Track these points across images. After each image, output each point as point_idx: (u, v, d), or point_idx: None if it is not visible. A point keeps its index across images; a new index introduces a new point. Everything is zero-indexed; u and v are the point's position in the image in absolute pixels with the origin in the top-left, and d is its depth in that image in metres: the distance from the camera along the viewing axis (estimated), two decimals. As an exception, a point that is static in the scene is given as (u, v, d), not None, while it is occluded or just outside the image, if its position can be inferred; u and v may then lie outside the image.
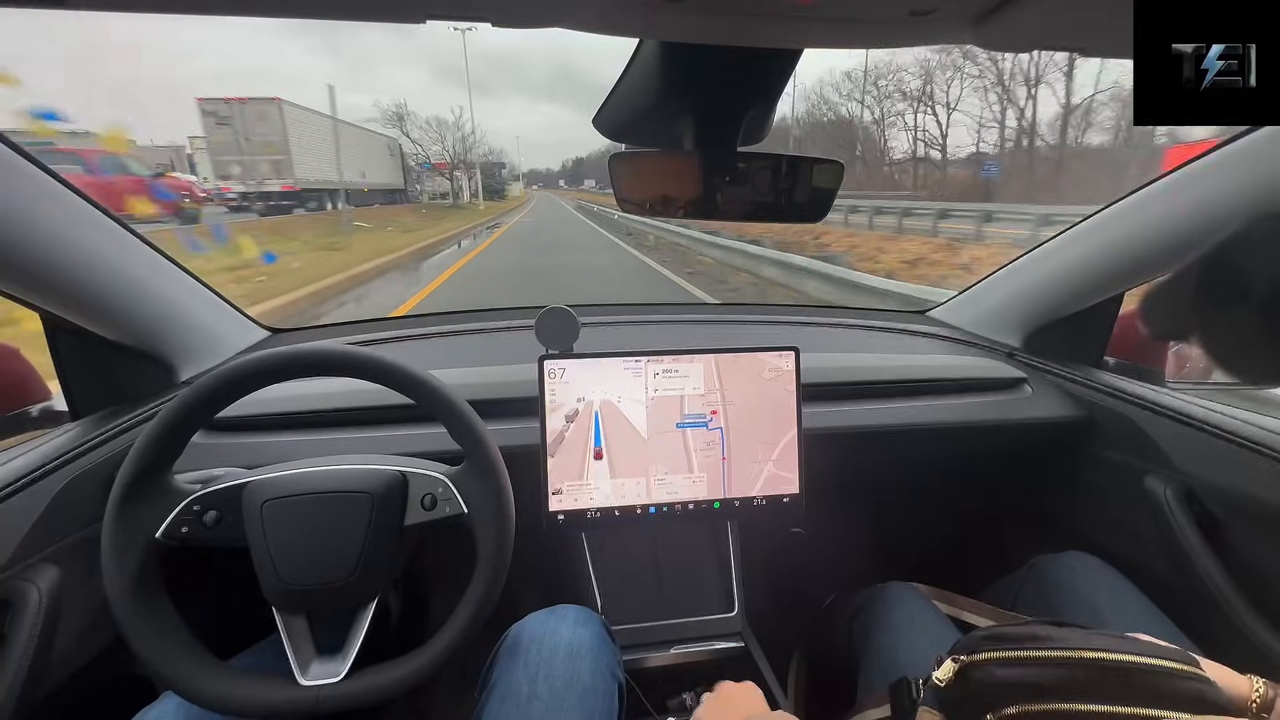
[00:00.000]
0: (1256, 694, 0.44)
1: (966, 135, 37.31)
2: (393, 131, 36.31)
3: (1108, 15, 0.37)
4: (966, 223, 12.19)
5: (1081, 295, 1.02)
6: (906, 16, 0.39)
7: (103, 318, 0.78)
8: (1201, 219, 0.77)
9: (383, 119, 37.35)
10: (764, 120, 0.62)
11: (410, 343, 1.17)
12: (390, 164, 33.15)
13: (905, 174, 37.00)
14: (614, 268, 9.19)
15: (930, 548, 1.33)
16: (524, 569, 0.73)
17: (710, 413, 0.86)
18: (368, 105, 49.18)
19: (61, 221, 0.69)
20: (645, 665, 0.83)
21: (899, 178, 36.49)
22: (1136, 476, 0.90)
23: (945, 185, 31.50)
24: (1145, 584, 0.78)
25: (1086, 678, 0.42)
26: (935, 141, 36.53)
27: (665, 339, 1.25)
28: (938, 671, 0.48)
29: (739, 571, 0.92)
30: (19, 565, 0.62)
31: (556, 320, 0.86)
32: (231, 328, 1.05)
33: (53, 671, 0.64)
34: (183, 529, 0.58)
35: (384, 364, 0.61)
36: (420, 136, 40.85)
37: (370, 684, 0.58)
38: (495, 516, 0.62)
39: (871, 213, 14.78)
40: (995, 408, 1.02)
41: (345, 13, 0.42)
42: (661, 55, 0.53)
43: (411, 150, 39.34)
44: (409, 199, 35.30)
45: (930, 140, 36.60)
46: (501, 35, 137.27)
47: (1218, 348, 0.32)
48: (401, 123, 38.63)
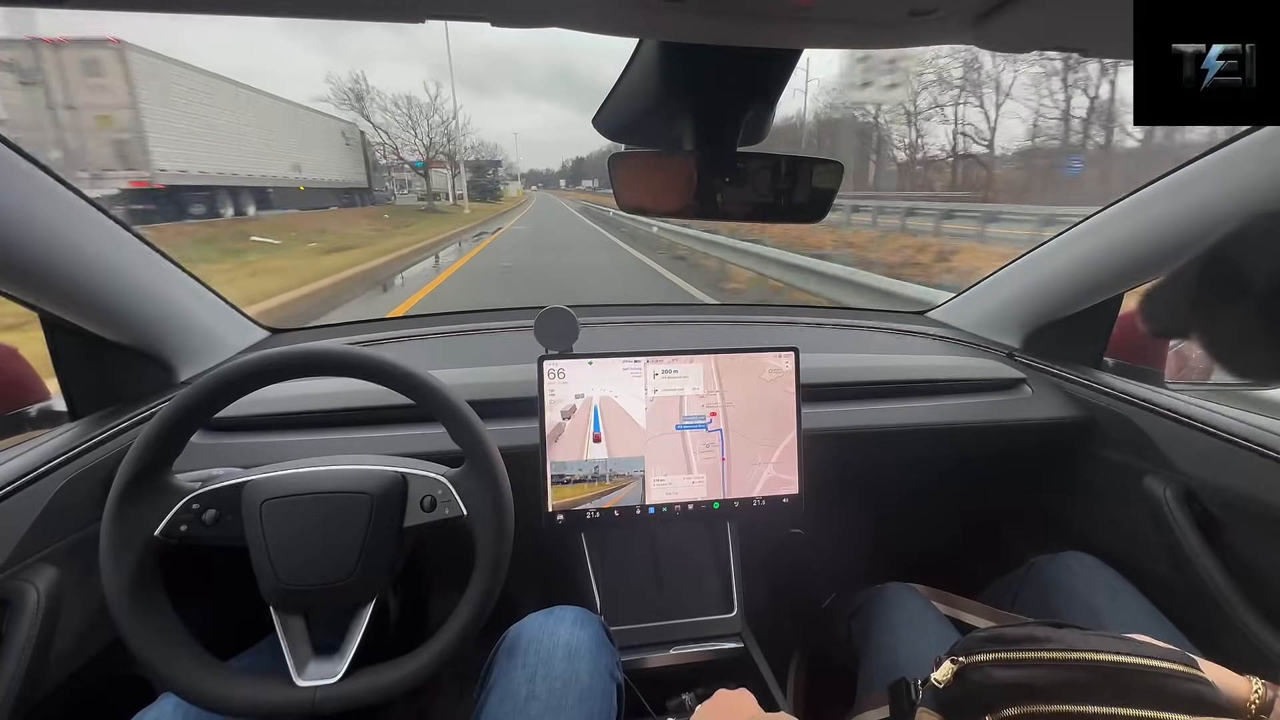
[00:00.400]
0: (1255, 695, 0.44)
1: (1018, 128, 32.27)
2: (350, 115, 27.90)
3: (1108, 15, 0.37)
4: (1019, 226, 10.41)
5: (1081, 296, 1.02)
6: (906, 17, 0.39)
7: (102, 318, 0.78)
8: (1201, 219, 0.77)
9: (337, 98, 28.14)
10: (764, 120, 0.62)
11: (410, 343, 1.17)
12: (346, 155, 25.68)
13: (939, 173, 32.11)
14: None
15: (929, 548, 1.33)
16: (523, 570, 0.73)
17: (710, 414, 0.86)
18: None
19: (61, 221, 0.69)
20: (644, 666, 0.83)
21: (930, 176, 32.16)
22: (1136, 477, 0.90)
23: (993, 185, 26.85)
24: (1144, 584, 0.78)
25: (1085, 679, 0.42)
26: (981, 136, 30.86)
27: (665, 339, 1.25)
28: (936, 672, 0.48)
29: (738, 572, 0.92)
30: (17, 565, 0.62)
31: (556, 320, 0.86)
32: (231, 328, 1.05)
33: (51, 672, 0.63)
34: (181, 528, 0.58)
35: (384, 364, 0.61)
36: (386, 121, 31.35)
37: (368, 685, 0.58)
38: (494, 518, 0.61)
39: (903, 214, 13.09)
40: (995, 408, 1.02)
41: (345, 12, 0.42)
42: (661, 55, 0.53)
43: (381, 139, 30.71)
44: (375, 199, 28.27)
45: (976, 134, 30.96)
46: (501, 35, 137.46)
47: (1218, 346, 0.32)
48: (360, 103, 29.20)
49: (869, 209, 14.83)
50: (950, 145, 31.75)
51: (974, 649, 0.47)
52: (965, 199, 19.89)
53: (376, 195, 30.40)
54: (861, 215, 14.67)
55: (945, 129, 32.29)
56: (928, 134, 33.52)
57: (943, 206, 13.51)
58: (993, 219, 11.43)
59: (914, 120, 32.67)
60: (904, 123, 33.03)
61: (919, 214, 13.25)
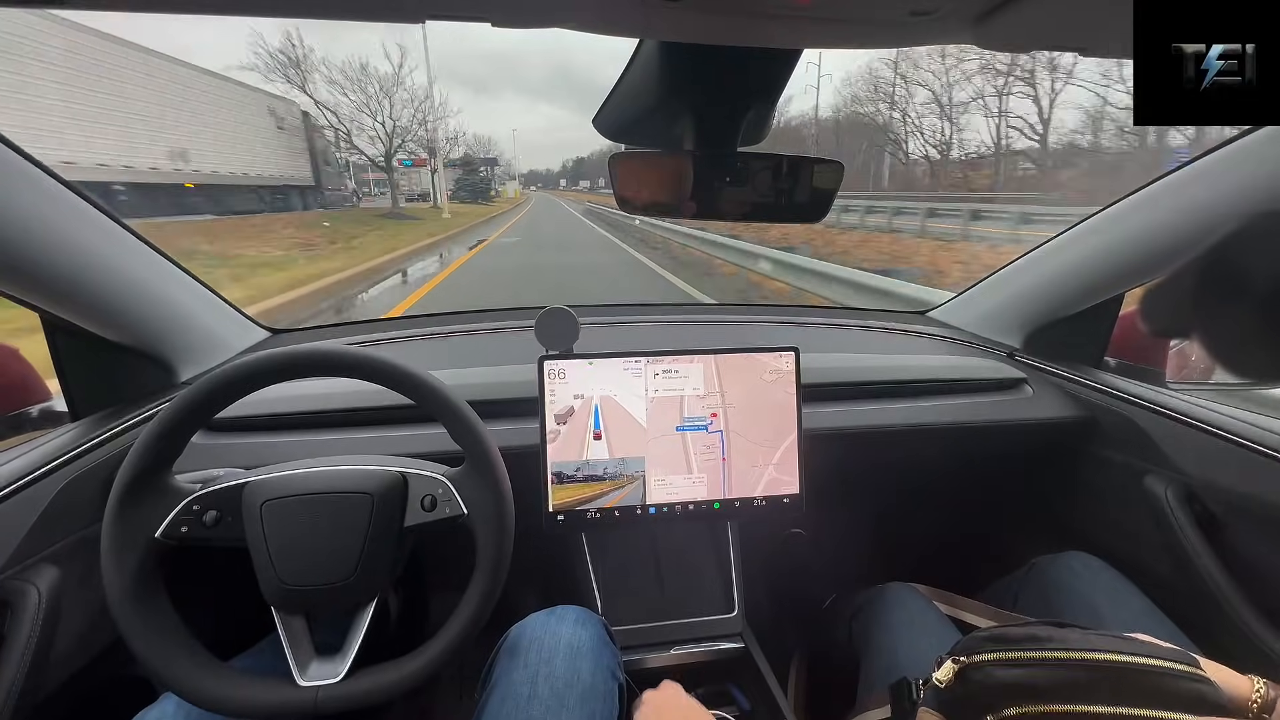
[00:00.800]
0: (1257, 694, 0.44)
1: (1071, 120, 27.77)
2: (283, 89, 20.23)
3: (1108, 15, 0.37)
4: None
5: (1082, 295, 1.02)
6: (907, 16, 0.39)
7: (103, 318, 0.78)
8: (1202, 219, 0.77)
9: (268, 68, 20.37)
10: (764, 120, 0.62)
11: (410, 343, 1.17)
12: (278, 142, 19.13)
13: (976, 170, 28.54)
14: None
15: (930, 548, 1.33)
16: (524, 570, 0.73)
17: (710, 415, 0.86)
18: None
19: (61, 222, 0.69)
20: (645, 666, 0.83)
21: (968, 175, 28.57)
22: (1137, 477, 0.90)
23: (1046, 183, 23.69)
24: (1145, 584, 0.78)
25: (1086, 679, 0.42)
26: (1032, 130, 26.93)
27: (665, 339, 1.25)
28: (938, 672, 0.48)
29: (739, 572, 0.92)
30: (18, 566, 0.62)
31: (556, 320, 0.86)
32: (231, 328, 1.05)
33: (52, 672, 0.64)
34: (182, 529, 0.58)
35: (384, 364, 0.61)
36: (334, 100, 23.01)
37: (370, 684, 0.58)
38: (495, 518, 0.61)
39: (967, 218, 11.61)
40: (995, 408, 1.02)
41: (345, 12, 0.42)
42: (661, 55, 0.53)
43: (330, 123, 22.78)
44: (327, 201, 21.31)
45: (1026, 128, 27.11)
46: (501, 36, 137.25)
47: (1218, 345, 0.32)
48: (299, 72, 20.74)
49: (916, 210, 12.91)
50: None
51: (976, 649, 0.47)
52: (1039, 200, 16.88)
53: (330, 196, 22.89)
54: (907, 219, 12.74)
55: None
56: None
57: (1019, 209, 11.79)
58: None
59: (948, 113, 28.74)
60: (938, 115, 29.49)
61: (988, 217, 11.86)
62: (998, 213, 12.32)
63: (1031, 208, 12.13)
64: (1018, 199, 15.99)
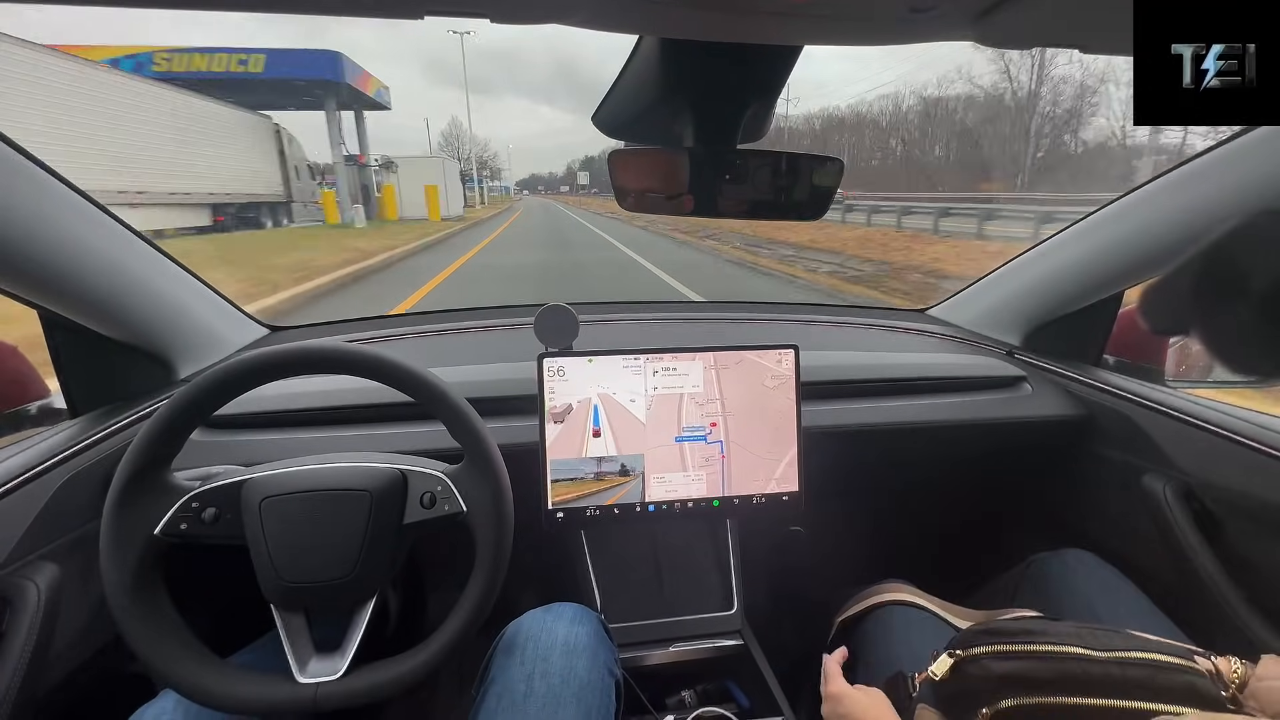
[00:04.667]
0: (1235, 674, 0.45)
1: None
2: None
3: (1108, 14, 0.37)
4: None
5: (1081, 293, 1.02)
6: (908, 13, 0.39)
7: (101, 315, 0.78)
8: (1201, 218, 0.77)
9: None
10: (764, 118, 0.62)
11: (409, 340, 1.17)
12: (258, 153, 16.21)
13: (1080, 166, 24.92)
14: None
15: (929, 545, 1.33)
16: (523, 567, 0.73)
17: (710, 425, 0.86)
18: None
19: (60, 219, 0.69)
20: (644, 663, 0.83)
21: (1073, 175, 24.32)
22: (1135, 475, 0.90)
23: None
24: (1143, 582, 0.78)
25: (1080, 671, 0.42)
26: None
27: (665, 337, 1.25)
28: (934, 666, 0.48)
29: (738, 569, 0.92)
30: (18, 563, 0.62)
31: (556, 318, 0.86)
32: (230, 325, 1.05)
33: (51, 669, 0.64)
34: (181, 526, 0.58)
35: (383, 361, 0.61)
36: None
37: (369, 681, 0.58)
38: (494, 515, 0.62)
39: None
40: (994, 406, 1.02)
41: (344, 8, 0.42)
42: (660, 52, 0.53)
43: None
44: (291, 216, 17.78)
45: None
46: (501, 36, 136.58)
47: (1217, 343, 0.32)
48: None
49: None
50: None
51: (971, 642, 0.47)
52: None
53: (290, 209, 17.88)
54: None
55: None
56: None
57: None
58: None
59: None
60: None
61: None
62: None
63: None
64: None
